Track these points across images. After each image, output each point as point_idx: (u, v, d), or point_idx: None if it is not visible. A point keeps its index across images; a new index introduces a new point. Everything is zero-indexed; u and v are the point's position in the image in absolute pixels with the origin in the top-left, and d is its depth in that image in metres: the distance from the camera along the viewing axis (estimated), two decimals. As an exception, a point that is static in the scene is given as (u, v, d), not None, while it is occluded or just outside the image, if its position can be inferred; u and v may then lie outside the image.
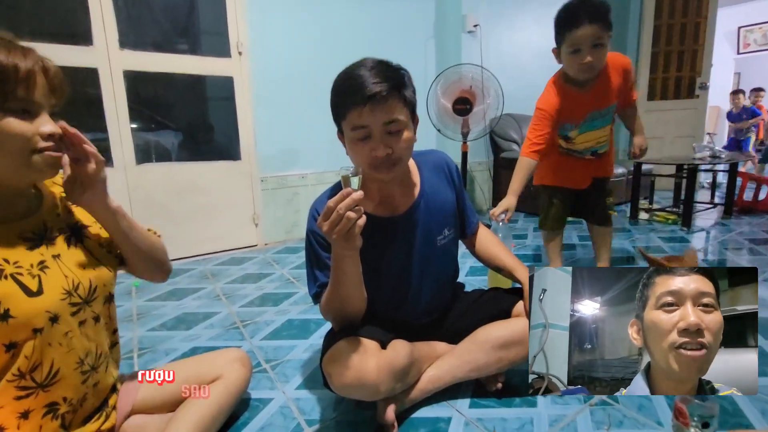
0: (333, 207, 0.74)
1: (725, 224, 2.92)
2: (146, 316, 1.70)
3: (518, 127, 3.68)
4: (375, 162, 0.89)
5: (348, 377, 0.88)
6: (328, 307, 0.96)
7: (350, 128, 0.88)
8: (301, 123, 2.77)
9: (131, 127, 2.30)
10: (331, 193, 1.02)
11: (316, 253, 0.99)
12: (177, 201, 2.44)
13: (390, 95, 0.84)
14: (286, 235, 2.85)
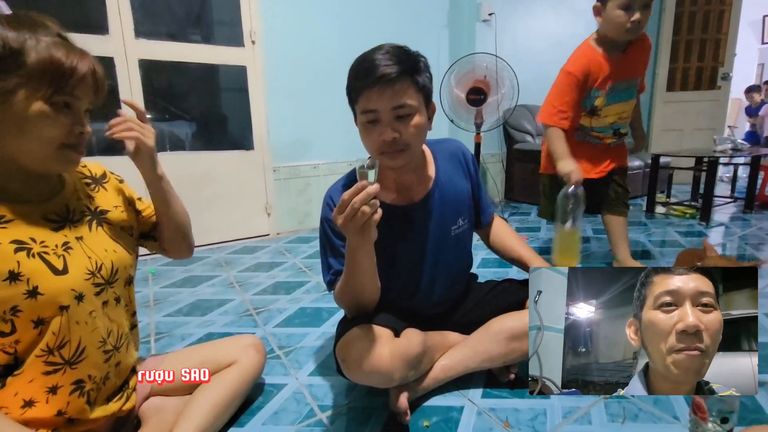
0: (348, 200, 0.73)
1: (746, 219, 2.85)
2: (163, 302, 1.73)
3: (532, 119, 3.62)
4: (382, 147, 0.89)
5: (362, 364, 0.88)
6: (342, 296, 0.96)
7: (361, 112, 0.89)
8: (314, 113, 2.77)
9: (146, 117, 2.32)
10: (346, 182, 1.02)
11: (330, 241, 0.99)
12: (191, 190, 2.47)
13: (400, 78, 0.84)
14: (299, 225, 2.86)
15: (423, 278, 1.06)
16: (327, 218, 0.99)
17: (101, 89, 0.72)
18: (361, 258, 0.86)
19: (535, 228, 2.77)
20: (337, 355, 0.94)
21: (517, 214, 3.18)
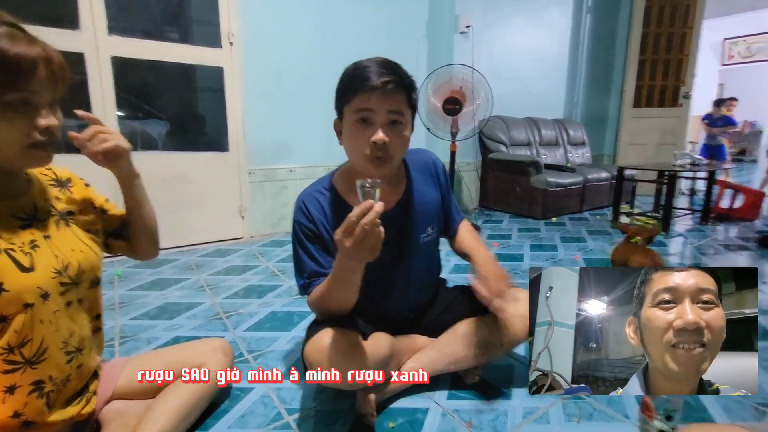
0: (356, 222, 0.71)
1: (702, 230, 3.01)
2: (129, 305, 1.69)
3: (506, 129, 3.73)
4: (371, 151, 0.88)
5: (329, 366, 0.90)
6: (319, 303, 0.96)
7: (353, 111, 0.88)
8: (291, 116, 2.77)
9: (117, 115, 2.27)
10: (324, 189, 1.02)
11: (304, 245, 1.00)
12: (162, 191, 2.42)
13: (398, 90, 0.88)
14: (273, 229, 2.85)
15: (393, 285, 1.08)
16: (300, 222, 1.00)
17: (61, 79, 0.67)
18: (354, 276, 0.86)
19: (506, 235, 2.84)
20: (304, 358, 0.95)
21: (490, 221, 3.26)
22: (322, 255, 0.99)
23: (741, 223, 3.21)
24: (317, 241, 0.99)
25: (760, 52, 8.09)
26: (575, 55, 4.50)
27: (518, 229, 3.00)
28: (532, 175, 3.34)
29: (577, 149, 4.36)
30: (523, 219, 3.35)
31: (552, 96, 4.45)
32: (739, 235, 2.88)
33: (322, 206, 1.00)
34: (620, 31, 4.69)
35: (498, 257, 2.31)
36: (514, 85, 3.97)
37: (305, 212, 1.00)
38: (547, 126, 4.12)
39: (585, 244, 2.63)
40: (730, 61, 8.59)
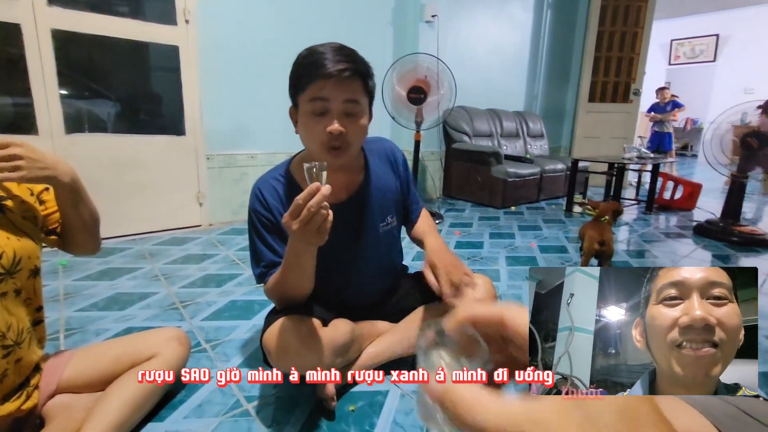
0: (302, 204, 0.71)
1: (646, 219, 3.23)
2: (75, 295, 1.60)
3: (470, 120, 3.81)
4: (327, 141, 0.86)
5: (288, 353, 0.90)
6: (276, 292, 0.96)
7: (308, 100, 0.86)
8: (251, 100, 2.68)
9: (60, 93, 2.11)
10: (281, 176, 1.01)
11: (260, 234, 0.99)
12: (112, 176, 2.28)
13: (354, 78, 0.85)
14: (233, 216, 2.77)
15: (352, 273, 1.08)
16: (256, 210, 0.99)
17: None
18: (305, 261, 0.86)
19: (467, 223, 2.92)
20: (263, 345, 0.95)
21: (453, 210, 3.33)
22: (278, 244, 0.97)
23: (680, 213, 3.46)
24: (273, 229, 0.98)
25: (703, 53, 8.67)
26: (536, 50, 4.63)
27: (479, 218, 3.09)
28: (493, 166, 3.43)
29: (536, 141, 4.52)
30: (484, 208, 3.45)
31: (513, 88, 4.57)
32: (678, 224, 3.11)
33: (278, 194, 0.99)
34: (578, 27, 4.88)
35: (459, 245, 2.38)
36: (477, 77, 4.04)
37: (261, 200, 0.98)
38: (508, 118, 4.24)
39: (541, 232, 2.75)
40: (676, 61, 9.15)
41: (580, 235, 1.85)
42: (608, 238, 1.75)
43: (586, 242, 1.76)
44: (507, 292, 1.72)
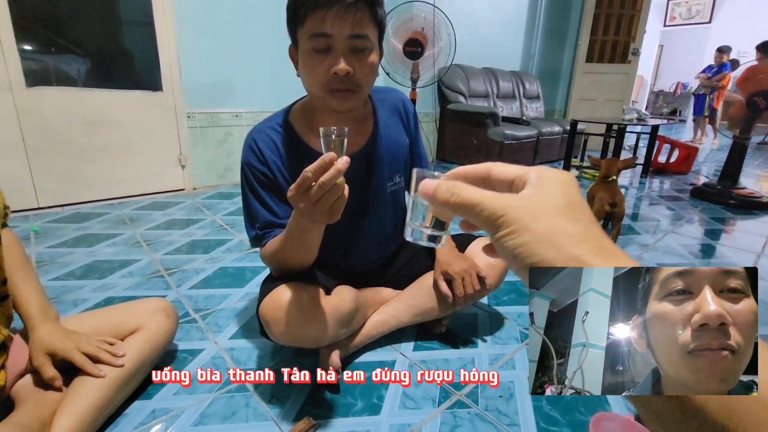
0: (311, 178, 0.60)
1: (642, 182, 3.19)
2: (50, 264, 1.47)
3: (466, 79, 3.63)
4: (333, 82, 0.75)
5: (288, 324, 0.81)
6: (274, 260, 0.86)
7: (308, 36, 0.74)
8: (235, 53, 2.45)
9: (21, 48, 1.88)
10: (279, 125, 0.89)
11: (255, 191, 0.87)
12: (83, 134, 2.10)
13: (360, 5, 0.72)
14: (219, 180, 2.61)
15: (357, 237, 0.99)
16: (249, 164, 0.87)
17: None
18: (311, 238, 0.77)
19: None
20: (260, 316, 0.85)
21: (447, 174, 3.23)
22: (276, 203, 0.87)
23: (675, 176, 3.44)
24: (271, 186, 0.87)
25: (699, 14, 8.46)
26: (534, 6, 4.40)
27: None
28: (489, 128, 3.31)
29: (532, 103, 4.38)
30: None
31: (510, 47, 4.37)
32: (673, 186, 3.08)
33: (276, 145, 0.87)
34: (579, -19, 4.63)
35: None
36: (473, 32, 3.82)
37: (257, 152, 0.86)
38: (504, 78, 4.07)
39: (539, 195, 2.68)
40: (672, 22, 8.93)
41: (589, 197, 1.78)
42: (620, 198, 1.68)
43: (597, 204, 1.69)
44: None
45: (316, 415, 0.83)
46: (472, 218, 0.26)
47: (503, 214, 0.24)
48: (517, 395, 0.91)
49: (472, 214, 0.25)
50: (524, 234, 0.23)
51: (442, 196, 0.27)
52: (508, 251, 0.24)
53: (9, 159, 1.92)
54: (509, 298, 1.33)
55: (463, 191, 0.26)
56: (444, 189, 0.27)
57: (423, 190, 0.29)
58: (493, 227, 0.24)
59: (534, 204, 0.24)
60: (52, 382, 0.74)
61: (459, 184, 0.27)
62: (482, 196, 0.25)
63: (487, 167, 0.29)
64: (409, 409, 0.86)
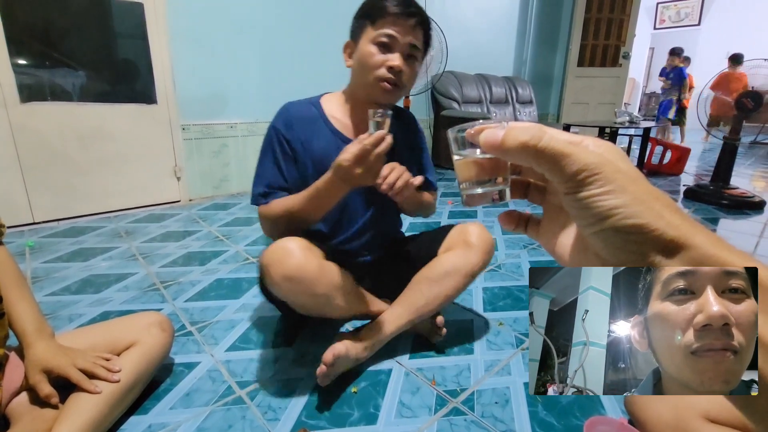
0: (370, 149, 0.76)
1: (636, 185, 3.21)
2: (45, 279, 1.47)
3: (459, 86, 3.66)
4: (384, 73, 0.89)
5: (289, 265, 0.82)
6: (279, 218, 0.92)
7: (376, 33, 0.89)
8: (229, 64, 2.47)
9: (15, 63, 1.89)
10: (313, 105, 1.00)
11: (275, 153, 0.97)
12: (78, 148, 2.10)
13: (421, 25, 0.91)
14: (215, 191, 2.62)
15: (359, 218, 1.04)
16: (277, 129, 0.97)
17: None
18: (336, 199, 0.87)
19: (459, 193, 2.84)
20: (262, 262, 0.86)
21: (443, 180, 3.24)
22: (288, 168, 0.97)
23: (669, 177, 3.47)
24: (288, 153, 0.96)
25: (688, 17, 8.57)
26: (525, 12, 4.45)
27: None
28: (483, 133, 3.33)
29: (525, 107, 4.42)
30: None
31: (502, 52, 4.41)
32: (667, 188, 3.11)
33: (307, 121, 0.98)
34: (568, -13, 4.69)
35: (452, 215, 2.31)
36: (465, 40, 3.86)
37: (288, 120, 0.97)
38: (497, 83, 4.10)
39: (533, 200, 2.70)
40: (662, 25, 9.04)
41: None
42: None
43: None
44: (506, 261, 1.67)
45: (312, 426, 0.83)
46: (552, 170, 0.22)
47: (599, 171, 0.21)
48: (512, 401, 0.91)
49: (555, 166, 0.22)
50: (623, 195, 0.21)
51: (517, 139, 0.23)
52: (599, 211, 0.21)
53: (3, 175, 1.92)
54: (504, 304, 1.33)
55: (547, 136, 0.22)
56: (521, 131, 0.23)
57: (488, 139, 0.24)
58: (580, 184, 0.21)
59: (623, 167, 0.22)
60: (49, 399, 0.74)
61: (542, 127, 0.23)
62: (572, 147, 0.22)
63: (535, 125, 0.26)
64: (405, 418, 0.86)
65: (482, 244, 1.03)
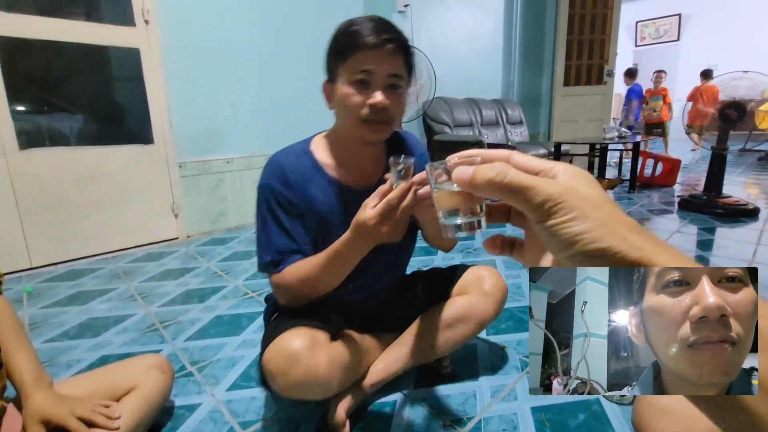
0: (396, 205, 0.69)
1: (630, 198, 3.24)
2: (42, 325, 1.46)
3: (449, 111, 3.74)
4: (368, 113, 0.81)
5: (296, 374, 0.79)
6: (297, 286, 0.85)
7: (351, 71, 0.80)
8: (223, 101, 2.54)
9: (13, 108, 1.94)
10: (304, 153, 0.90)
11: (275, 215, 0.87)
12: (76, 191, 2.12)
13: (398, 51, 0.81)
14: (213, 226, 2.63)
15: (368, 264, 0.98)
16: (272, 187, 0.87)
17: None
18: (359, 258, 0.80)
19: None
20: (264, 366, 0.83)
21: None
22: (297, 228, 0.87)
23: (662, 189, 3.50)
24: (292, 211, 0.87)
25: (667, 33, 8.87)
26: (509, 37, 4.61)
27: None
28: (476, 155, 3.38)
29: (516, 128, 4.50)
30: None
31: (489, 77, 4.54)
32: (661, 200, 3.14)
33: (303, 174, 0.88)
34: (548, 12, 4.87)
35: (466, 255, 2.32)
36: (453, 66, 3.98)
37: (282, 176, 0.87)
38: (487, 106, 4.20)
39: (530, 218, 2.72)
40: (642, 42, 9.33)
41: None
42: None
43: None
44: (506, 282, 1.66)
45: (317, 465, 0.81)
46: (520, 202, 0.24)
47: (562, 200, 0.22)
48: (520, 428, 0.89)
49: (522, 198, 0.23)
50: (586, 221, 0.22)
51: (485, 176, 0.25)
52: (565, 238, 0.22)
53: (1, 221, 1.94)
54: (507, 326, 1.32)
55: (512, 172, 0.24)
56: (487, 169, 0.25)
57: (460, 176, 0.26)
58: (547, 213, 0.23)
59: (586, 193, 0.23)
60: None
61: (506, 165, 0.25)
62: (535, 180, 0.23)
63: (505, 154, 0.28)
64: (412, 452, 0.84)
65: (497, 293, 1.02)
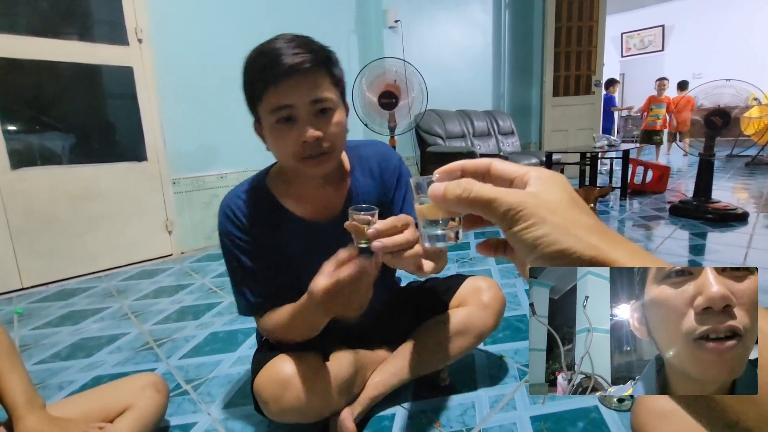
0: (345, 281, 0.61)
1: (622, 205, 3.28)
2: (34, 347, 1.43)
3: (442, 122, 3.79)
4: (303, 150, 0.73)
5: (289, 400, 0.78)
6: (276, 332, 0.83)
7: (269, 111, 0.72)
8: (216, 117, 2.55)
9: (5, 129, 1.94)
10: (248, 188, 0.87)
11: (239, 260, 0.84)
12: (68, 210, 2.11)
13: (315, 69, 0.71)
14: (207, 242, 2.62)
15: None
16: (229, 233, 0.84)
17: None
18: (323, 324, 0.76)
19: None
20: (256, 393, 0.81)
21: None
22: (262, 269, 0.84)
23: (653, 196, 3.54)
24: (252, 252, 0.84)
25: (652, 44, 9.09)
26: (498, 50, 4.70)
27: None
28: (469, 166, 3.41)
29: (507, 138, 4.56)
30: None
31: (480, 88, 4.61)
32: (652, 206, 3.17)
33: (252, 210, 0.84)
34: (536, 25, 4.99)
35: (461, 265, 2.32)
36: (444, 79, 4.04)
37: (233, 219, 0.83)
38: (478, 118, 4.26)
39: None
40: (628, 53, 9.55)
41: None
42: None
43: None
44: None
45: (316, 483, 0.80)
46: (487, 213, 0.26)
47: (522, 208, 0.24)
48: (521, 439, 0.89)
49: (488, 210, 0.26)
50: (544, 226, 0.24)
51: (453, 193, 0.27)
52: (528, 243, 0.24)
53: (-7, 241, 1.92)
54: (504, 335, 1.32)
55: (476, 187, 0.26)
56: (454, 186, 0.27)
57: (433, 193, 0.29)
58: (511, 221, 0.25)
59: (547, 199, 0.25)
60: None
61: (471, 181, 0.27)
62: (497, 192, 0.26)
63: (486, 163, 0.30)
64: (412, 466, 0.83)
65: (496, 305, 1.01)
